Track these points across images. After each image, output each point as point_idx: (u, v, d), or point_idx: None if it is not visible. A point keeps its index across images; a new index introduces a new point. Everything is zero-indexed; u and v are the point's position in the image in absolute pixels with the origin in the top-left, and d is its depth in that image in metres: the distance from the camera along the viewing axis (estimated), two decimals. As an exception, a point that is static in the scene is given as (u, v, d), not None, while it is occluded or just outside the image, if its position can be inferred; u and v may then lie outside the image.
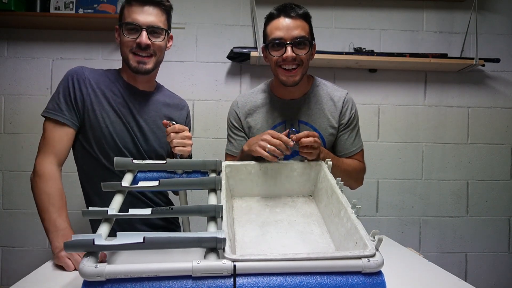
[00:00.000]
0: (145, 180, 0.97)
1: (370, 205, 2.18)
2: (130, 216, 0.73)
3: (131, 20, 1.17)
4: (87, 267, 0.60)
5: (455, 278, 0.90)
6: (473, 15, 2.08)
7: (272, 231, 0.89)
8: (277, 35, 1.22)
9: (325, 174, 1.00)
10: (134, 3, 1.18)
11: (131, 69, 1.22)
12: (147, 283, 0.61)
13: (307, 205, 1.03)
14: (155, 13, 1.19)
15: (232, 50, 2.00)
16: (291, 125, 1.35)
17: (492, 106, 2.20)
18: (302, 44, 1.23)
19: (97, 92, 1.21)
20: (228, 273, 0.62)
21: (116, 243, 0.63)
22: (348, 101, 1.39)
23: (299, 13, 1.23)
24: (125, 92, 1.26)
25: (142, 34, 1.16)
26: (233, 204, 1.03)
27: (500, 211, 2.21)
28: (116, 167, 0.96)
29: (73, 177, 2.04)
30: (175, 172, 1.01)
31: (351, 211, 0.79)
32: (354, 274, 0.64)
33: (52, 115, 1.17)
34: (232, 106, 1.44)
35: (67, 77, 1.20)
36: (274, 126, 1.36)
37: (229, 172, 1.05)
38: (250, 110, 1.40)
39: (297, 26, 1.22)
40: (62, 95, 1.18)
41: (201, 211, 0.77)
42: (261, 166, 1.07)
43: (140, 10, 1.17)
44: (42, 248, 2.07)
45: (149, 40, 1.18)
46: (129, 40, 1.18)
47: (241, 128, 1.41)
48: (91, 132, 1.21)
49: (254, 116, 1.39)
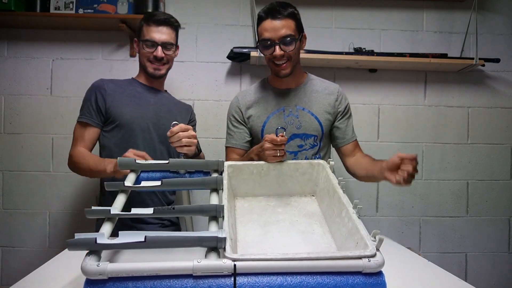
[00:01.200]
0: (148, 180, 0.97)
1: (370, 205, 2.18)
2: (132, 215, 0.74)
3: (149, 38, 1.47)
4: (89, 266, 0.61)
5: (455, 278, 0.90)
6: (473, 15, 2.08)
7: (273, 231, 0.89)
8: (265, 36, 1.35)
9: (327, 174, 1.00)
10: (152, 24, 1.48)
11: (149, 74, 1.53)
12: (149, 282, 0.61)
13: (309, 205, 1.03)
14: (167, 32, 1.50)
15: (232, 50, 2.00)
16: (285, 116, 1.46)
17: (492, 106, 2.20)
18: (288, 42, 1.34)
19: (118, 90, 1.50)
20: (229, 272, 0.62)
21: (118, 242, 0.63)
22: (342, 92, 1.53)
23: (284, 14, 1.33)
24: (142, 89, 1.55)
25: (158, 49, 1.47)
26: (235, 204, 1.03)
27: (500, 211, 2.21)
28: (119, 167, 0.97)
29: (73, 177, 2.06)
30: (177, 172, 1.01)
31: (352, 211, 0.79)
32: (354, 274, 0.64)
33: (82, 118, 1.47)
34: (232, 101, 1.55)
35: (91, 89, 1.51)
36: (272, 113, 1.46)
37: (231, 172, 1.05)
38: (250, 102, 1.50)
39: (283, 26, 1.33)
40: (88, 102, 1.47)
41: (203, 211, 0.78)
42: (263, 166, 1.08)
43: (156, 29, 1.48)
44: (42, 248, 2.07)
45: (163, 53, 1.48)
46: (148, 53, 1.49)
47: (241, 121, 1.50)
48: (115, 125, 1.47)
49: (253, 106, 1.49)
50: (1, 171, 2.07)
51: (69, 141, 2.07)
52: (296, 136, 1.44)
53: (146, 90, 1.56)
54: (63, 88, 2.08)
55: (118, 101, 1.48)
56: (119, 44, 2.09)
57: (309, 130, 1.45)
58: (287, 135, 1.42)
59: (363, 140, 2.11)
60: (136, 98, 1.52)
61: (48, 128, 2.07)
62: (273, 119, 1.46)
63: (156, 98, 1.57)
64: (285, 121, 1.45)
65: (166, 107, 1.57)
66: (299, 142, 1.44)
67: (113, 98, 1.47)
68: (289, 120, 1.45)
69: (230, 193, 0.99)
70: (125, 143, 1.43)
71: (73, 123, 2.04)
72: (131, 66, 2.07)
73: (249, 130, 1.50)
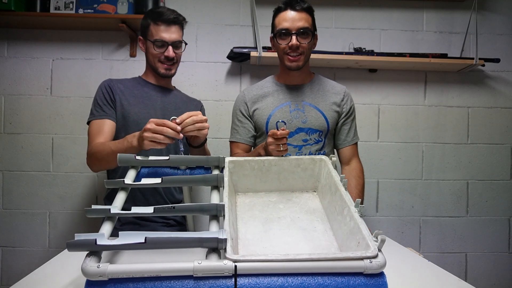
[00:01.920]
0: (148, 176, 0.97)
1: (370, 205, 2.18)
2: (132, 214, 0.73)
3: (159, 38, 1.44)
4: (89, 267, 0.61)
5: (455, 278, 0.90)
6: (473, 15, 2.08)
7: (275, 228, 0.88)
8: (284, 25, 1.40)
9: (329, 171, 1.00)
10: (161, 23, 1.44)
11: (160, 75, 1.51)
12: (149, 283, 0.61)
13: (311, 201, 1.02)
14: (177, 31, 1.47)
15: (232, 50, 2.00)
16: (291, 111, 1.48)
17: (492, 106, 2.21)
18: (305, 34, 1.40)
19: (126, 91, 1.48)
20: (229, 273, 0.62)
21: (118, 243, 0.63)
22: (349, 93, 1.57)
23: (303, 6, 1.41)
24: (149, 89, 1.53)
25: (169, 49, 1.45)
26: (237, 200, 1.03)
27: (500, 211, 2.21)
28: (119, 163, 0.97)
29: (73, 177, 2.06)
30: (178, 168, 1.01)
31: (354, 210, 0.79)
32: (356, 275, 0.64)
33: (96, 117, 1.42)
34: (238, 96, 1.58)
35: (100, 87, 1.47)
36: (278, 107, 1.48)
37: (232, 168, 1.04)
38: (256, 96, 1.53)
39: (301, 18, 1.39)
40: (99, 100, 1.44)
41: (203, 210, 0.78)
42: (264, 162, 1.07)
43: (165, 29, 1.44)
44: (42, 248, 2.07)
45: (174, 52, 1.46)
46: (158, 54, 1.46)
47: (247, 115, 1.52)
48: (122, 126, 1.44)
49: (260, 100, 1.52)
50: (1, 171, 2.07)
51: (69, 141, 2.09)
52: (301, 130, 1.46)
53: (153, 89, 1.54)
54: (63, 88, 2.08)
55: (126, 101, 1.46)
56: (119, 44, 2.09)
57: (314, 125, 1.46)
58: (292, 128, 1.45)
59: (363, 140, 2.11)
60: (144, 99, 1.50)
61: (48, 128, 2.07)
62: (278, 112, 1.47)
63: (164, 97, 1.54)
64: (291, 115, 1.46)
65: (174, 105, 1.55)
66: (303, 136, 1.46)
67: (122, 98, 1.46)
68: (295, 114, 1.46)
69: (231, 189, 0.98)
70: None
71: (73, 123, 2.07)
72: (131, 66, 2.07)
73: (254, 125, 1.52)
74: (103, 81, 1.50)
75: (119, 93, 1.46)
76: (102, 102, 1.43)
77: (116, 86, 1.48)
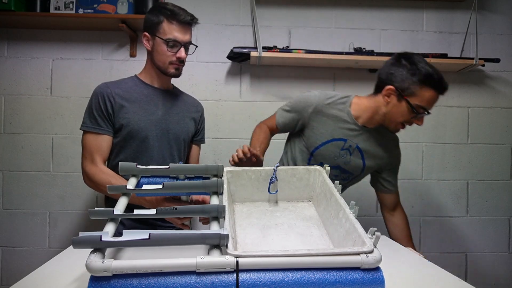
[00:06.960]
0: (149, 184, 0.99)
1: (370, 205, 2.18)
2: (135, 216, 0.74)
3: (172, 37, 1.37)
4: (94, 263, 0.62)
5: (455, 278, 0.90)
6: (473, 15, 2.09)
7: (272, 234, 0.90)
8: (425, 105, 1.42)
9: (324, 179, 1.02)
10: (175, 22, 1.37)
11: (168, 74, 1.43)
12: (152, 279, 0.62)
13: (306, 210, 1.05)
14: (189, 31, 1.42)
15: (232, 50, 2.01)
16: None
17: (492, 106, 2.21)
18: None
19: (124, 96, 1.39)
20: (231, 268, 0.63)
21: (122, 239, 0.64)
22: (400, 152, 1.63)
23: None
24: (148, 92, 1.45)
25: (181, 50, 1.39)
26: (234, 208, 1.04)
27: (500, 211, 2.22)
28: (120, 172, 0.98)
29: (73, 177, 2.06)
30: (177, 177, 1.02)
31: (349, 211, 0.81)
32: (353, 269, 0.66)
33: (91, 129, 1.35)
34: (312, 95, 1.47)
35: (96, 95, 1.38)
36: (334, 139, 1.44)
37: (230, 177, 1.06)
38: (324, 112, 1.46)
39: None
40: (95, 110, 1.36)
41: (204, 211, 0.79)
42: (261, 172, 1.09)
43: (179, 29, 1.38)
44: (42, 248, 2.07)
45: (185, 54, 1.42)
46: (170, 53, 1.39)
47: (306, 117, 1.45)
48: (124, 130, 1.38)
49: (323, 120, 1.44)
50: (1, 171, 2.07)
51: (69, 141, 2.09)
52: (337, 167, 1.46)
53: (152, 92, 1.46)
54: (63, 88, 2.08)
55: (125, 110, 1.37)
56: (119, 44, 2.09)
57: (351, 170, 1.48)
58: (333, 164, 1.44)
59: (363, 140, 2.11)
60: (143, 103, 1.41)
61: (48, 128, 2.07)
62: (331, 146, 1.43)
63: (165, 100, 1.47)
64: (339, 153, 1.44)
65: (175, 109, 1.49)
66: (335, 172, 1.46)
67: (120, 108, 1.37)
68: (343, 153, 1.44)
69: (230, 198, 1.00)
70: (139, 153, 1.41)
71: (73, 123, 2.06)
72: (131, 66, 2.07)
73: (304, 135, 1.47)
74: (98, 87, 1.40)
75: (117, 102, 1.37)
76: (98, 114, 1.35)
77: (113, 93, 1.37)
